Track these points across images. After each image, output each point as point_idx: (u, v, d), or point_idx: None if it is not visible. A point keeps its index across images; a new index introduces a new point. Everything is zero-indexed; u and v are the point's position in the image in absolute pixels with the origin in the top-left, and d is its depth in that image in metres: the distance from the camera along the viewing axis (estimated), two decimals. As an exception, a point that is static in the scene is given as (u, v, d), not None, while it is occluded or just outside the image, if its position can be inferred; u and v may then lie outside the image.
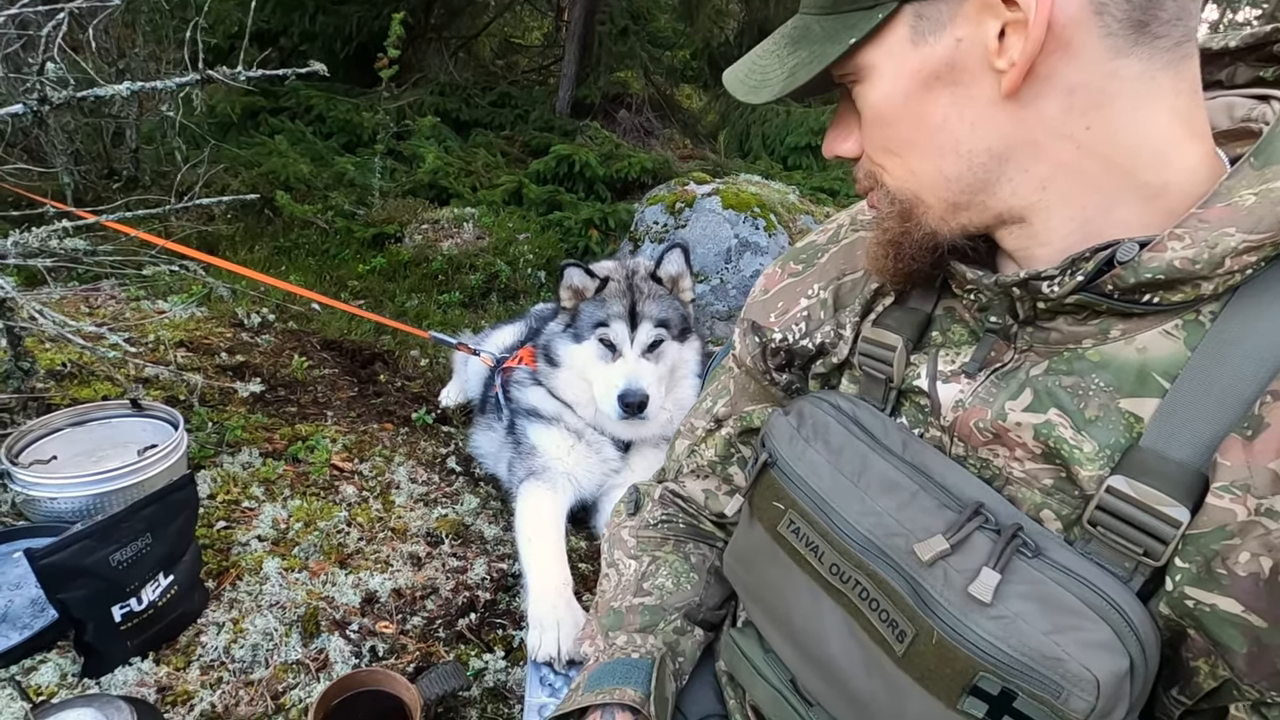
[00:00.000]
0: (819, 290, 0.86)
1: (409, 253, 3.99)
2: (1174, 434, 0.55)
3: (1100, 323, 0.61)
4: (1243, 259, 0.53)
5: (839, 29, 0.61)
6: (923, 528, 0.64)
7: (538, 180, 4.89)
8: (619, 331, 1.73)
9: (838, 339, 0.83)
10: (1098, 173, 0.58)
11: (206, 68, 1.77)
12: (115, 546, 1.22)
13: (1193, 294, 0.56)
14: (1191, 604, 0.55)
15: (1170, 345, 0.57)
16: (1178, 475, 0.54)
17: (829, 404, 0.77)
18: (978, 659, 0.57)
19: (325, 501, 1.84)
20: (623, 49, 6.52)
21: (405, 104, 5.59)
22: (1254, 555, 0.51)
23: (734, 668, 0.87)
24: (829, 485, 0.71)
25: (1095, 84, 0.55)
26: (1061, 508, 0.63)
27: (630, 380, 1.68)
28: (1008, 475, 0.66)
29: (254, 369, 2.47)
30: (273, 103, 5.41)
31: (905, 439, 0.72)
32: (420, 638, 1.47)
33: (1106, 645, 0.54)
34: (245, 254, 3.78)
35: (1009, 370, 0.66)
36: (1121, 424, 0.58)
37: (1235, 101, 0.66)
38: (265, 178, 4.35)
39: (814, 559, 0.71)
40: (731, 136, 6.70)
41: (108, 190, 3.90)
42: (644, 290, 1.76)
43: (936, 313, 0.75)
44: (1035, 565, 0.58)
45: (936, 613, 0.60)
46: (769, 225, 3.97)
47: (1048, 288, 0.60)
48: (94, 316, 2.62)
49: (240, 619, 1.43)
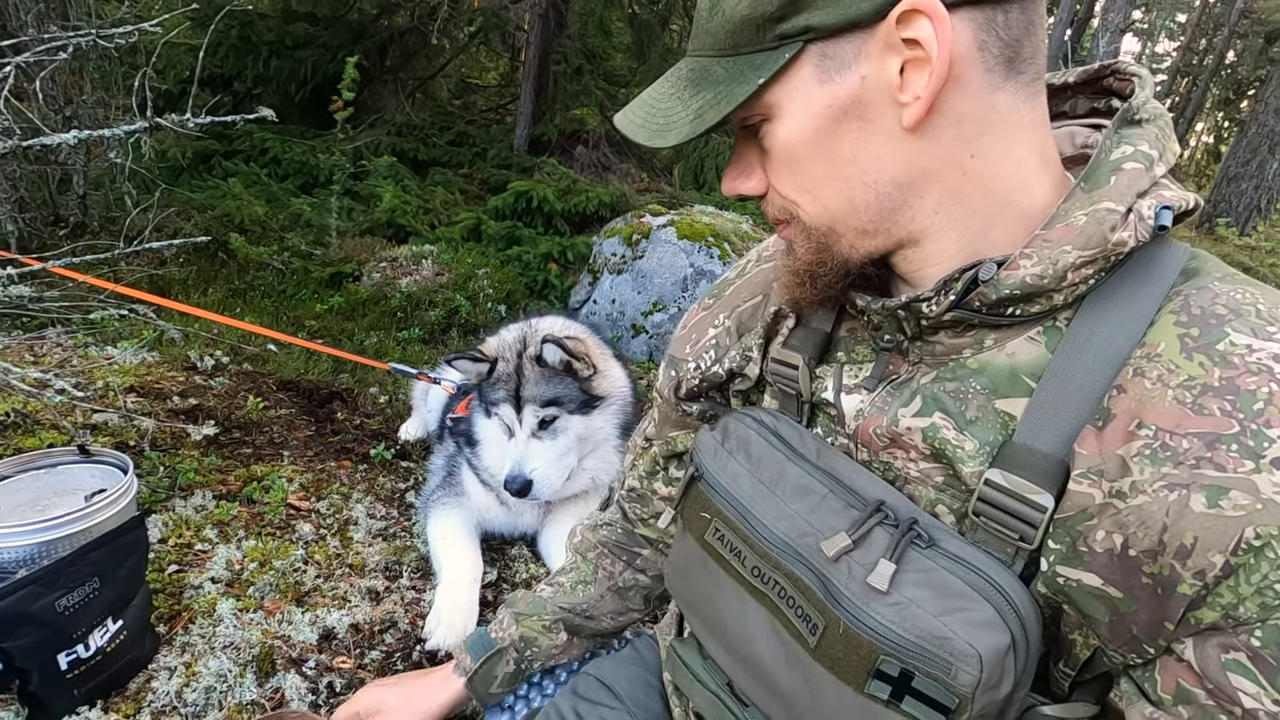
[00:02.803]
0: (724, 319, 0.93)
1: (367, 291, 3.99)
2: (1040, 428, 0.61)
3: (976, 334, 0.67)
4: (1081, 272, 0.60)
5: (744, 70, 0.63)
6: (830, 527, 0.69)
7: (496, 216, 4.95)
8: (507, 413, 1.72)
9: (745, 361, 0.89)
10: (979, 197, 0.64)
11: (155, 114, 1.79)
12: (61, 592, 1.20)
13: (1047, 305, 0.63)
14: (1062, 581, 0.60)
15: (1034, 349, 0.64)
16: (1043, 465, 0.60)
17: (752, 419, 0.82)
18: (878, 644, 0.61)
19: (281, 541, 1.83)
20: (578, 87, 6.68)
21: (362, 145, 5.63)
22: (1108, 533, 0.57)
23: (676, 676, 0.91)
24: (749, 493, 0.76)
25: (978, 115, 0.61)
26: (953, 502, 0.68)
27: (514, 465, 1.67)
28: (906, 475, 0.72)
29: (208, 412, 2.44)
30: (226, 146, 5.40)
31: (819, 447, 0.77)
32: (379, 671, 1.47)
33: (989, 623, 0.59)
34: (199, 297, 3.74)
35: (903, 381, 0.72)
36: (998, 423, 0.64)
37: (1076, 130, 0.74)
38: (219, 220, 4.32)
39: (738, 563, 0.76)
40: (686, 169, 6.88)
41: (54, 237, 3.83)
42: (527, 373, 1.69)
43: (840, 334, 0.81)
44: (928, 555, 0.64)
45: (842, 604, 0.64)
46: (723, 254, 4.09)
47: (926, 308, 0.66)
48: (39, 364, 2.57)
49: (193, 662, 1.41)
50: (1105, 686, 0.65)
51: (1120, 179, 0.60)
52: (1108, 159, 0.62)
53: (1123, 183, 0.60)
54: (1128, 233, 0.59)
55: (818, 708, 0.68)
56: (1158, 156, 0.62)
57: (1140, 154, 0.61)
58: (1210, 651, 0.54)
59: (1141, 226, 0.59)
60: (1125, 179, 0.60)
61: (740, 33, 0.62)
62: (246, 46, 5.82)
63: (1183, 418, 0.55)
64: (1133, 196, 0.60)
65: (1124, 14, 8.61)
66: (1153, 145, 0.62)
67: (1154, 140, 0.62)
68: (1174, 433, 0.55)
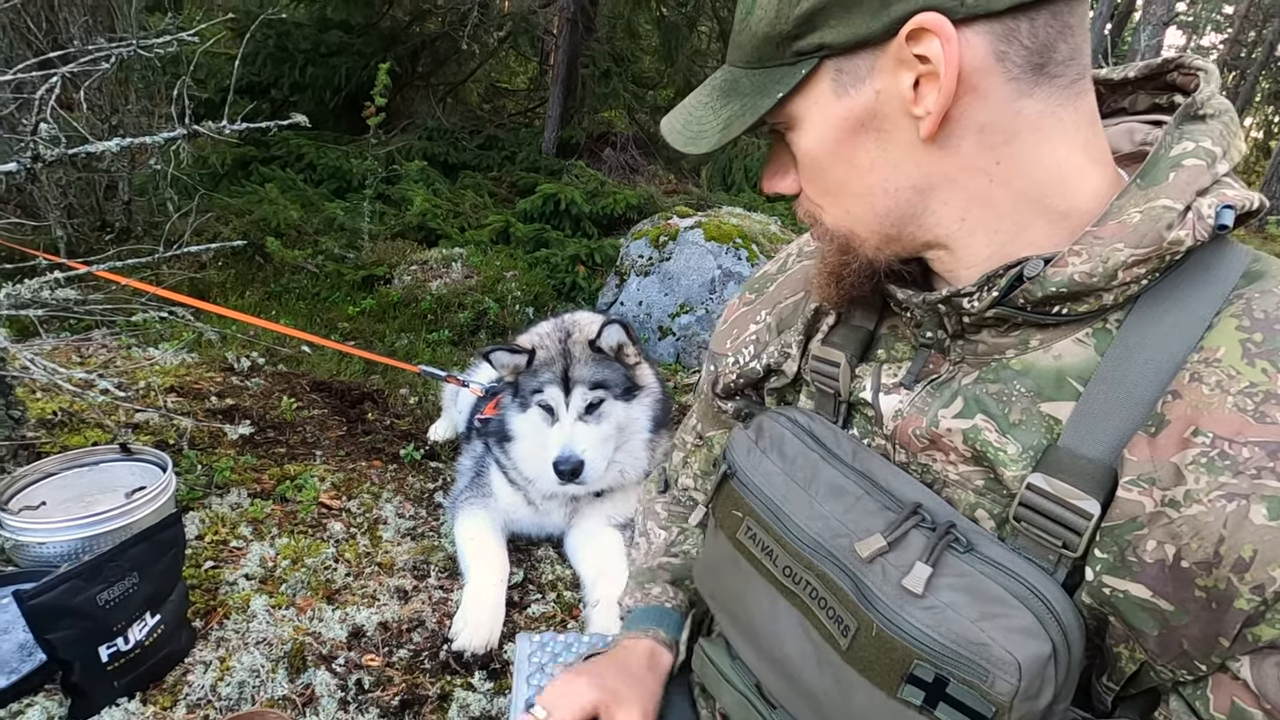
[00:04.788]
0: (765, 315, 0.92)
1: (398, 293, 4.05)
2: (1087, 433, 0.59)
3: (1020, 334, 0.65)
4: (1133, 271, 0.58)
5: (767, 83, 0.65)
6: (864, 528, 0.67)
7: (525, 219, 4.99)
8: (554, 396, 1.73)
9: (784, 358, 0.88)
10: (1008, 201, 0.63)
11: (194, 122, 1.84)
12: (102, 586, 1.24)
13: (1096, 304, 0.60)
14: (1109, 591, 0.58)
15: (1083, 352, 0.62)
16: (1090, 471, 0.58)
17: (786, 418, 0.81)
18: (912, 647, 0.60)
19: (313, 539, 1.86)
20: (606, 90, 6.71)
21: (394, 149, 5.72)
22: (1160, 543, 0.54)
23: (704, 676, 0.90)
24: (782, 492, 0.75)
25: (1003, 122, 0.60)
26: (993, 507, 0.66)
27: (564, 447, 1.67)
28: (945, 478, 0.70)
29: (244, 411, 2.50)
30: (263, 152, 5.54)
31: (855, 448, 0.76)
32: (406, 669, 1.48)
33: (1029, 631, 0.57)
34: (236, 299, 3.83)
35: (943, 381, 0.70)
36: (1043, 426, 0.62)
37: (1135, 127, 0.71)
38: (256, 224, 4.43)
39: (769, 562, 0.75)
40: (714, 171, 6.85)
41: (100, 242, 3.97)
42: (578, 355, 1.75)
43: (881, 331, 0.80)
44: (966, 559, 0.62)
45: (876, 606, 0.63)
46: (751, 255, 4.06)
47: (968, 303, 0.65)
48: (85, 365, 2.65)
49: (227, 657, 1.44)
50: (1151, 704, 0.63)
51: (1180, 175, 0.58)
52: (1167, 155, 0.59)
53: (1182, 179, 0.58)
54: (1185, 231, 0.56)
55: (847, 711, 0.66)
56: (1221, 154, 0.59)
57: (1202, 150, 0.59)
58: (1269, 670, 0.52)
59: (1200, 225, 0.56)
60: (1185, 175, 0.58)
61: (763, 48, 0.65)
62: (283, 55, 5.96)
63: (1243, 425, 0.52)
64: (1192, 194, 0.57)
65: (1167, 6, 8.37)
66: (1216, 142, 0.59)
67: (1218, 136, 0.60)
68: (1233, 440, 0.52)
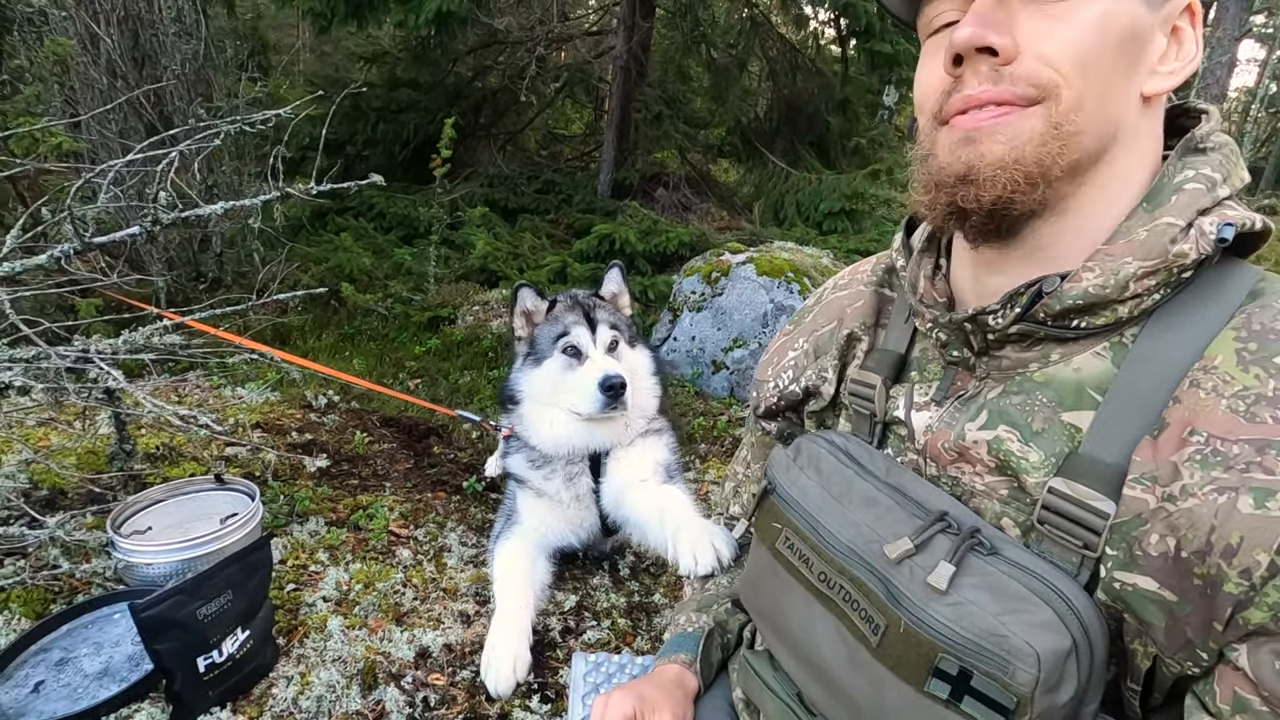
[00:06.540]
0: (802, 343, 0.99)
1: (461, 333, 4.25)
2: (1105, 440, 0.63)
3: (1042, 349, 0.70)
4: (1143, 283, 0.63)
5: None
6: (893, 534, 0.72)
7: (581, 259, 5.17)
8: (581, 335, 1.82)
9: (820, 381, 0.94)
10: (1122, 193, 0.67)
11: (280, 180, 2.05)
12: (202, 601, 1.37)
13: (1112, 317, 0.65)
14: (1119, 586, 0.61)
15: (1100, 364, 0.66)
16: (1106, 474, 0.62)
17: (824, 439, 0.87)
18: (936, 641, 0.63)
19: (383, 564, 1.98)
20: (658, 132, 6.92)
21: (458, 196, 6.05)
22: (1162, 537, 0.58)
23: (747, 688, 0.94)
24: (818, 503, 0.80)
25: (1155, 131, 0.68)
26: (1018, 515, 0.70)
27: (602, 372, 1.75)
28: (972, 489, 0.74)
29: (320, 446, 2.68)
30: (339, 204, 5.93)
31: (888, 465, 0.81)
32: (469, 689, 1.56)
33: (1048, 625, 0.60)
34: (314, 341, 4.10)
35: (970, 396, 0.75)
36: (1064, 435, 0.66)
37: None
38: (332, 271, 4.75)
39: (805, 570, 0.80)
40: (766, 206, 6.92)
41: (195, 291, 4.33)
42: (591, 302, 1.93)
43: (914, 354, 0.85)
44: (990, 561, 0.66)
45: (902, 604, 0.67)
46: (803, 289, 4.09)
47: (993, 320, 0.70)
48: (183, 403, 2.90)
49: (307, 673, 1.55)
50: (1181, 715, 0.65)
51: (1181, 198, 0.63)
52: (1170, 181, 0.65)
53: (1184, 200, 0.63)
54: (1188, 245, 0.61)
55: (880, 710, 0.70)
56: (1221, 179, 0.64)
57: (1202, 176, 0.64)
58: (1264, 657, 0.54)
59: (1202, 240, 0.61)
60: (1186, 197, 0.63)
61: None
62: (357, 114, 6.42)
63: (1235, 425, 0.56)
64: (1193, 213, 0.62)
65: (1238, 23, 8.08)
66: (1216, 169, 0.64)
67: (1217, 165, 0.65)
68: (1225, 439, 0.56)
